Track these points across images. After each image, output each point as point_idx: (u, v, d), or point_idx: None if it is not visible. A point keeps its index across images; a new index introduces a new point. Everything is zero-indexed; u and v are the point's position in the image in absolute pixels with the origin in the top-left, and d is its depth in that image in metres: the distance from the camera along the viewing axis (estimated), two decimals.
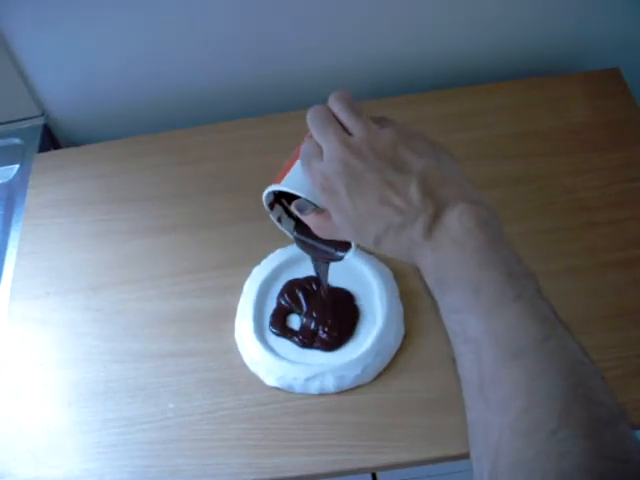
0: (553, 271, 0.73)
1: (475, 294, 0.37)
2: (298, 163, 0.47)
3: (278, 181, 0.47)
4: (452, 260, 0.39)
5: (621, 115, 0.87)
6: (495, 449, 0.34)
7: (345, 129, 0.45)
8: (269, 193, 0.49)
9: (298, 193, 0.46)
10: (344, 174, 0.42)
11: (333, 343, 0.70)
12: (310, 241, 0.52)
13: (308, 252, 0.54)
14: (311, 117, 0.47)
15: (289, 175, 0.47)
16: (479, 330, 0.36)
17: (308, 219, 0.47)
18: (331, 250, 0.51)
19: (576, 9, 0.92)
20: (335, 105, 0.46)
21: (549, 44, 0.96)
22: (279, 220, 0.52)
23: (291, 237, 0.53)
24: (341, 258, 0.52)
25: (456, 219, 0.39)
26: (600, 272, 0.73)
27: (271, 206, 0.51)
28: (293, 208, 0.47)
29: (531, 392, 0.34)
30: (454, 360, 0.39)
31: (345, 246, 0.50)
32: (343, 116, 0.45)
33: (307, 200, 0.46)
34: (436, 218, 0.39)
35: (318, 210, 0.46)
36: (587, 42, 0.97)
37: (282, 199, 0.52)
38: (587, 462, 0.31)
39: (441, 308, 0.40)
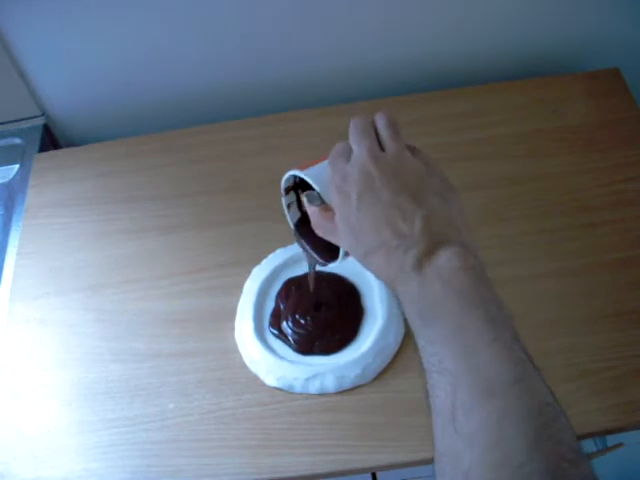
0: (553, 271, 0.73)
1: (456, 331, 0.39)
2: (326, 161, 0.49)
3: (302, 168, 0.49)
4: (437, 296, 0.40)
5: (621, 115, 0.87)
6: (463, 479, 0.35)
7: (380, 145, 0.47)
8: (290, 177, 0.51)
9: (315, 185, 0.47)
10: (362, 182, 0.44)
11: (335, 347, 0.70)
12: (304, 239, 0.54)
13: (301, 247, 0.55)
14: (353, 123, 0.49)
15: (314, 167, 0.49)
16: (456, 365, 0.38)
17: (312, 211, 0.49)
18: (317, 256, 0.53)
19: (576, 9, 0.92)
20: (380, 120, 0.48)
21: (549, 44, 0.96)
22: (288, 207, 0.54)
23: (291, 227, 0.54)
24: (323, 265, 0.54)
25: (446, 259, 0.41)
26: (600, 272, 0.73)
27: (287, 191, 0.53)
28: (304, 195, 0.49)
29: (501, 427, 0.35)
30: (427, 391, 0.40)
31: (331, 257, 0.51)
32: (383, 131, 0.47)
33: (319, 195, 0.48)
34: (429, 254, 0.41)
35: (325, 207, 0.48)
36: (587, 42, 0.97)
37: (299, 189, 0.53)
38: None
39: (419, 338, 0.41)
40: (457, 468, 0.36)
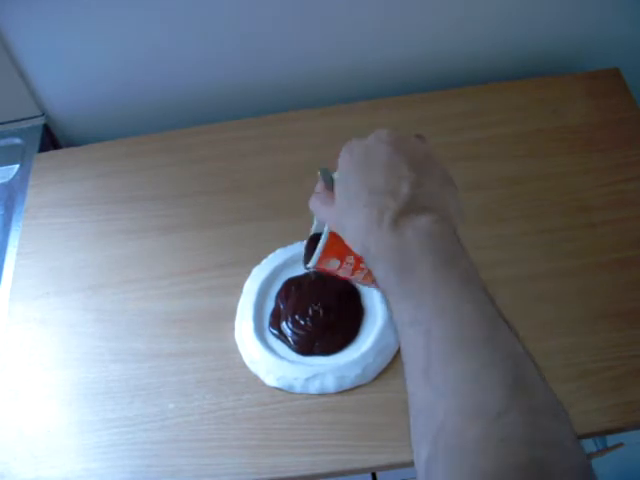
0: (553, 271, 0.73)
1: (432, 286, 0.40)
2: None
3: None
4: (413, 253, 0.41)
5: (621, 115, 0.87)
6: (438, 430, 0.35)
7: None
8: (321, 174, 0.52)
9: (334, 173, 0.49)
10: (371, 142, 0.47)
11: (335, 348, 0.70)
12: (312, 250, 0.55)
13: (305, 250, 0.56)
14: None
15: None
16: (431, 318, 0.39)
17: (319, 185, 0.51)
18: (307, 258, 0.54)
19: (576, 9, 0.92)
20: None
21: (549, 44, 0.97)
22: None
23: (311, 231, 0.56)
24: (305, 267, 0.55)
25: (425, 222, 0.42)
26: (600, 272, 0.73)
27: None
28: (319, 170, 0.51)
29: (478, 378, 0.36)
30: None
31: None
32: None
33: (333, 181, 0.49)
34: (409, 213, 0.42)
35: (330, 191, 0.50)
36: (587, 42, 0.97)
37: None
38: (527, 448, 0.33)
39: (392, 296, 0.42)
40: (431, 420, 0.36)
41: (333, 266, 0.50)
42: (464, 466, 0.34)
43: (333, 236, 0.49)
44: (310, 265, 0.52)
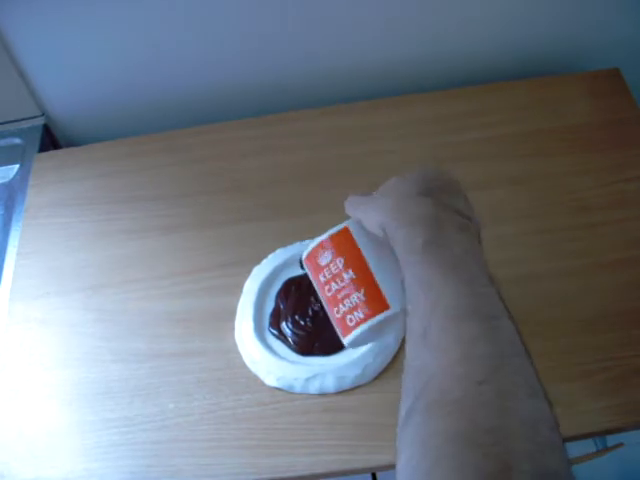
0: (553, 271, 0.73)
1: (451, 263, 0.42)
2: None
3: None
4: (445, 229, 0.44)
5: (621, 115, 0.87)
6: (422, 387, 0.38)
7: None
8: None
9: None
10: (439, 169, 0.51)
11: (334, 348, 0.69)
12: None
13: None
14: None
15: None
16: (443, 288, 0.41)
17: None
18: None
19: (576, 10, 0.92)
20: None
21: (549, 44, 0.97)
22: None
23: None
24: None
25: (460, 219, 0.46)
26: (600, 272, 0.73)
27: None
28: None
29: (471, 347, 0.38)
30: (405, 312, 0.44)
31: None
32: None
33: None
34: (450, 208, 0.46)
35: None
36: (587, 42, 0.97)
37: None
38: (501, 418, 0.35)
39: (409, 258, 0.44)
40: (419, 377, 0.39)
41: (324, 260, 0.51)
42: (439, 422, 0.36)
43: (345, 232, 0.50)
44: (305, 252, 0.52)
